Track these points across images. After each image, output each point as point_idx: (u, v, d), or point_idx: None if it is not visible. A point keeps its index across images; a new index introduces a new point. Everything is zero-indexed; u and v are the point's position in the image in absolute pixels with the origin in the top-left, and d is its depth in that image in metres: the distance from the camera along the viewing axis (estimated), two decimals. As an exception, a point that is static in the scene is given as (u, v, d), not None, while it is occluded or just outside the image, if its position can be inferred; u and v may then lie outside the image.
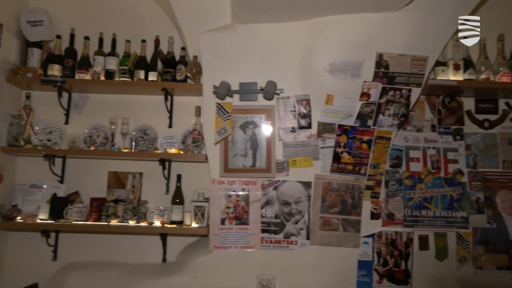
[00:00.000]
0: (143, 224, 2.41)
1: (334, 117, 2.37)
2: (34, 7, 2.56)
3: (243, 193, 2.39)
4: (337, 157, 2.39)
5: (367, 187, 2.44)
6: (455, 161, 2.59)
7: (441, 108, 2.60)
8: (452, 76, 2.45)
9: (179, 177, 2.53)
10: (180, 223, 2.42)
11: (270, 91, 2.28)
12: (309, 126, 2.39)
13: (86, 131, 2.59)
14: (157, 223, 2.41)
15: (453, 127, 2.62)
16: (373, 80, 2.32)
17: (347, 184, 2.41)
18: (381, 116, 2.37)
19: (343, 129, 2.38)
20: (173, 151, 2.48)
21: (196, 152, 2.50)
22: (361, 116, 2.37)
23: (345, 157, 2.39)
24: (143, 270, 2.43)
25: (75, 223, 2.38)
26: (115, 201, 2.53)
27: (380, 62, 2.31)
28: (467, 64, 2.47)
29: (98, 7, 2.71)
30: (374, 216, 2.47)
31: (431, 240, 2.53)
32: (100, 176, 2.61)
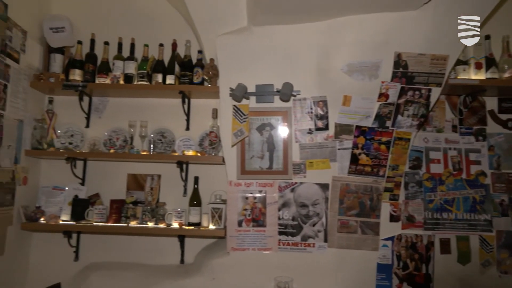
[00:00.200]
0: (162, 225, 2.44)
1: (351, 118, 2.34)
2: (56, 14, 2.64)
3: (260, 195, 2.39)
4: (355, 159, 2.36)
5: (386, 189, 2.40)
6: (478, 162, 2.52)
7: (462, 108, 2.54)
8: (474, 75, 2.39)
9: (196, 179, 2.55)
10: (198, 225, 2.44)
11: (287, 92, 2.27)
12: (326, 128, 2.37)
13: (106, 134, 2.64)
14: (175, 225, 2.43)
15: (475, 127, 2.55)
16: (392, 80, 2.29)
17: (365, 186, 2.38)
18: (400, 116, 2.33)
19: (361, 130, 2.35)
20: (190, 153, 2.50)
21: (213, 154, 2.52)
22: (379, 117, 2.33)
23: (363, 158, 2.36)
24: (161, 271, 2.46)
25: (96, 224, 2.43)
26: (134, 203, 2.57)
27: (399, 62, 2.27)
28: (490, 63, 2.40)
29: (117, 13, 2.77)
30: (394, 218, 2.43)
31: (453, 244, 2.47)
32: (120, 178, 2.66)
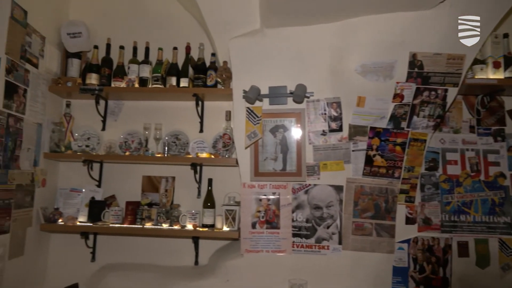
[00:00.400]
0: (176, 227, 2.46)
1: (366, 120, 2.32)
2: (73, 19, 2.70)
3: (273, 197, 2.39)
4: (369, 160, 2.33)
5: (402, 191, 2.37)
6: (497, 164, 2.46)
7: (480, 108, 2.49)
8: (492, 75, 2.34)
9: (210, 181, 2.57)
10: (212, 226, 2.46)
11: (300, 94, 2.27)
12: (340, 129, 2.35)
13: (121, 136, 2.68)
14: (189, 227, 2.45)
15: (493, 127, 2.49)
16: (407, 81, 2.26)
17: (380, 188, 2.35)
18: (415, 117, 2.30)
19: (375, 132, 2.33)
20: (204, 155, 2.52)
21: (226, 156, 2.53)
22: (394, 118, 2.31)
23: (378, 160, 2.33)
24: (176, 273, 2.48)
25: (112, 225, 2.47)
26: (149, 204, 2.60)
27: (414, 62, 2.24)
28: (508, 61, 2.35)
29: (132, 18, 2.82)
30: (410, 221, 2.39)
31: (471, 247, 2.41)
32: (135, 180, 2.69)
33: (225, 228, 2.43)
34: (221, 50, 2.52)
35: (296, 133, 2.38)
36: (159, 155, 2.54)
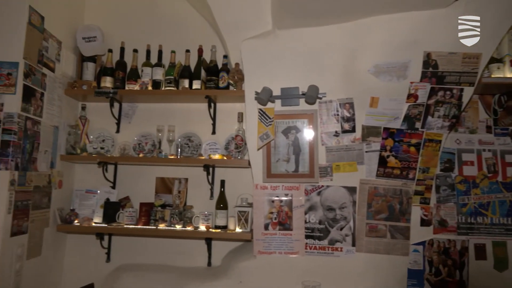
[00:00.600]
0: (189, 228, 2.47)
1: (379, 120, 2.30)
2: (88, 24, 2.75)
3: (286, 198, 2.38)
4: (383, 161, 2.31)
5: (416, 193, 2.33)
6: (515, 164, 2.41)
7: (497, 107, 2.44)
8: (509, 73, 2.29)
9: (222, 183, 2.58)
10: (225, 228, 2.46)
11: (312, 95, 2.26)
12: (353, 130, 2.34)
13: (135, 138, 2.72)
14: (202, 228, 2.46)
15: (511, 127, 2.44)
16: (421, 81, 2.23)
17: (395, 189, 2.32)
18: (430, 118, 2.27)
19: (389, 132, 2.30)
20: (216, 157, 2.53)
21: (239, 157, 2.54)
22: (408, 118, 2.28)
23: (392, 161, 2.31)
24: (190, 274, 2.49)
25: (127, 226, 2.50)
26: (162, 206, 2.62)
27: (428, 62, 2.21)
28: (526, 60, 2.30)
29: (145, 21, 2.85)
30: (425, 222, 2.36)
31: (488, 249, 2.36)
32: (148, 182, 2.72)
33: (238, 230, 2.43)
34: (233, 52, 2.54)
35: (308, 134, 2.37)
36: (172, 157, 2.56)
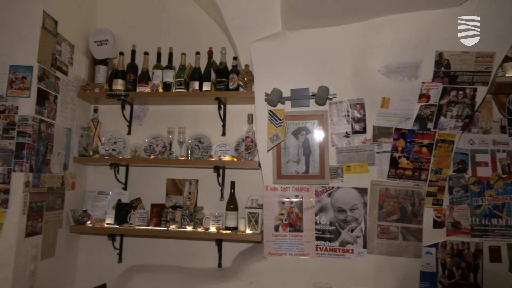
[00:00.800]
0: (200, 229, 2.48)
1: (390, 121, 2.28)
2: (100, 27, 2.79)
3: (296, 199, 2.37)
4: (394, 162, 2.29)
5: (429, 194, 2.30)
6: (531, 165, 2.36)
7: (511, 107, 2.39)
8: (524, 72, 2.25)
9: (233, 184, 2.58)
10: (235, 229, 2.47)
11: (322, 96, 2.25)
12: (363, 131, 2.32)
13: (146, 140, 2.74)
14: (212, 229, 2.47)
15: (526, 127, 2.39)
16: (433, 81, 2.20)
17: (406, 191, 2.30)
18: (442, 118, 2.24)
19: (400, 133, 2.28)
20: (226, 158, 2.54)
21: (249, 159, 2.54)
22: (420, 119, 2.25)
23: (403, 162, 2.28)
24: (200, 275, 2.50)
25: (138, 227, 2.52)
26: (173, 207, 2.64)
27: (440, 61, 2.18)
28: (542, 59, 2.25)
29: (156, 24, 2.88)
30: (437, 224, 2.33)
31: (503, 252, 2.32)
32: (159, 183, 2.75)
33: (248, 231, 2.43)
34: (243, 53, 2.54)
35: (318, 135, 2.36)
36: (182, 159, 2.57)
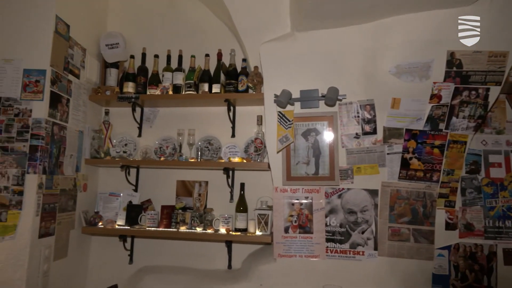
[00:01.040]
0: (210, 231, 2.49)
1: (401, 122, 2.26)
2: (111, 31, 2.82)
3: (306, 201, 2.37)
4: (405, 164, 2.26)
5: (441, 195, 2.27)
6: (546, 166, 2.32)
7: (526, 107, 2.35)
8: (539, 72, 2.21)
9: (242, 186, 2.59)
10: (245, 230, 2.47)
11: (332, 97, 2.24)
12: (374, 132, 2.30)
13: (156, 142, 2.76)
14: (222, 231, 2.48)
15: (541, 128, 2.35)
16: (445, 81, 2.17)
17: (418, 192, 2.27)
18: (454, 118, 2.21)
19: (411, 134, 2.25)
20: (236, 160, 2.54)
21: (258, 160, 2.54)
22: (431, 120, 2.23)
23: (415, 163, 2.26)
24: (210, 276, 2.51)
25: (148, 229, 2.54)
26: (183, 208, 2.65)
27: (452, 61, 2.16)
28: (557, 57, 2.21)
29: (166, 27, 2.91)
30: (450, 226, 2.29)
31: (518, 254, 2.28)
32: (169, 185, 2.76)
33: (258, 233, 2.43)
34: (252, 55, 2.55)
35: (328, 136, 2.36)
36: (192, 160, 2.59)
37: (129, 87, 2.70)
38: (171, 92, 2.67)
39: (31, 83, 2.22)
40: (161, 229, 2.55)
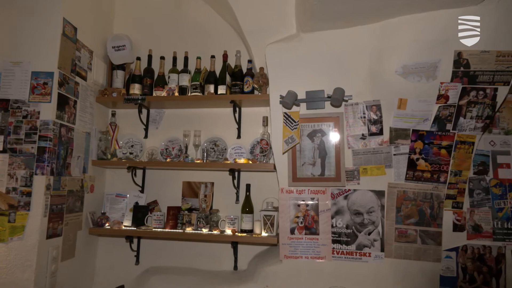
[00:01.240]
0: (215, 232, 2.50)
1: (408, 122, 2.24)
2: (118, 33, 2.84)
3: (312, 202, 2.36)
4: (412, 164, 2.25)
5: (448, 196, 2.25)
6: (555, 167, 2.29)
7: (534, 107, 2.32)
8: (548, 71, 2.18)
9: (248, 187, 2.59)
10: (250, 231, 2.47)
11: (338, 98, 2.24)
12: (380, 133, 2.29)
13: (162, 144, 2.78)
14: (228, 232, 2.48)
15: (550, 128, 2.32)
16: (452, 81, 2.16)
17: (425, 193, 2.25)
18: (462, 119, 2.19)
19: (418, 135, 2.24)
20: (242, 161, 2.55)
21: (264, 161, 2.54)
22: (438, 120, 2.21)
23: (422, 164, 2.24)
24: (216, 277, 2.51)
25: (155, 230, 2.55)
26: (189, 209, 2.66)
27: (459, 61, 2.14)
28: None
29: (171, 29, 2.92)
30: (458, 228, 2.27)
31: (528, 256, 2.25)
32: (176, 186, 2.77)
33: (264, 234, 2.43)
34: (257, 56, 2.55)
35: (334, 137, 2.35)
36: (198, 161, 2.60)
37: (136, 89, 2.72)
38: (177, 94, 2.68)
39: (39, 85, 2.24)
40: (167, 230, 2.56)
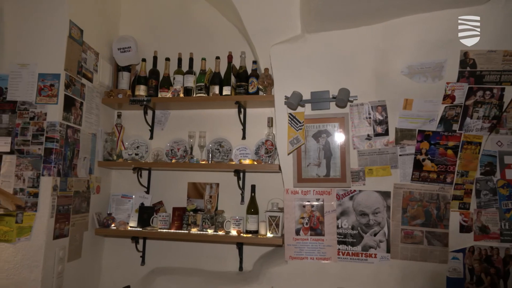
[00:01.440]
0: (221, 233, 2.50)
1: (413, 123, 2.23)
2: (123, 35, 2.86)
3: (317, 203, 2.35)
4: (418, 165, 2.23)
5: (455, 197, 2.24)
6: None
7: (542, 107, 2.30)
8: (556, 71, 2.16)
9: (253, 187, 2.59)
10: (256, 232, 2.47)
11: (343, 98, 2.23)
12: (385, 133, 2.28)
13: (168, 144, 2.79)
14: (233, 232, 2.48)
15: (559, 128, 2.29)
16: (458, 81, 2.14)
17: (431, 194, 2.24)
18: (468, 119, 2.17)
19: (424, 135, 2.23)
20: (247, 162, 2.55)
21: (269, 162, 2.54)
22: (444, 120, 2.19)
23: (428, 164, 2.23)
24: (222, 278, 2.51)
25: (160, 230, 2.56)
26: (194, 210, 2.67)
27: (465, 61, 2.12)
28: None
29: (176, 30, 2.93)
30: (464, 229, 2.25)
31: (536, 258, 2.22)
32: (181, 187, 2.78)
33: (269, 235, 2.43)
34: (262, 57, 2.55)
35: (339, 138, 2.34)
36: (203, 162, 2.60)
37: (141, 90, 2.73)
38: (182, 95, 2.70)
39: (46, 87, 2.26)
40: (172, 230, 2.57)
